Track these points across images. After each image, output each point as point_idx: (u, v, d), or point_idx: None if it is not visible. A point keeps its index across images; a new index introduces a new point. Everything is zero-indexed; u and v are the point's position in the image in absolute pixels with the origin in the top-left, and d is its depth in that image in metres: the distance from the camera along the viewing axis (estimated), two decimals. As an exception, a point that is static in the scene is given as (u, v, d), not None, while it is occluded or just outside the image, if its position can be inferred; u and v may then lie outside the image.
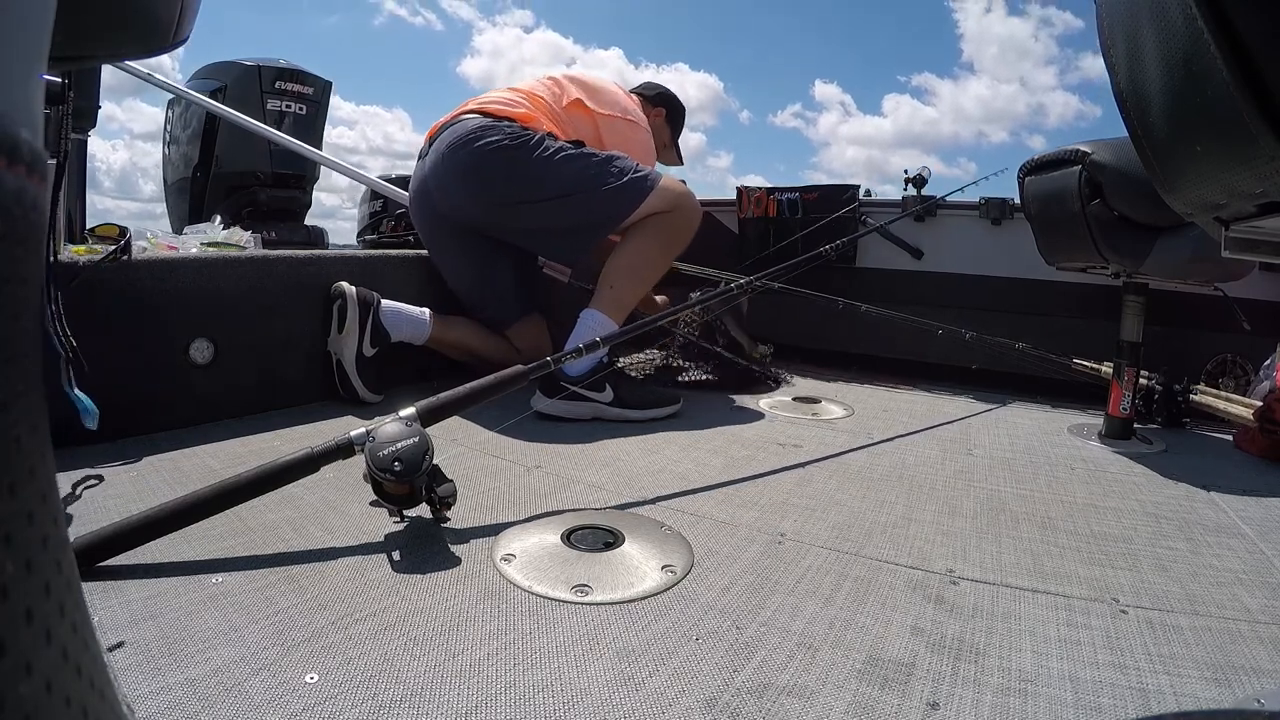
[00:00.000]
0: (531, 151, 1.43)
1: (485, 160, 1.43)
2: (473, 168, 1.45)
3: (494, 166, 1.43)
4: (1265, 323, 1.62)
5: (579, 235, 1.49)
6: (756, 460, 1.15)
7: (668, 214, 1.49)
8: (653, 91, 1.92)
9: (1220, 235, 0.51)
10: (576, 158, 1.45)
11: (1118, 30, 0.49)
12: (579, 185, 1.44)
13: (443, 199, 1.52)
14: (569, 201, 1.44)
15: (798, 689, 0.56)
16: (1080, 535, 0.90)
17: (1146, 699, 0.56)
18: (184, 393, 1.19)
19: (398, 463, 0.77)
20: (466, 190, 1.47)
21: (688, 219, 1.53)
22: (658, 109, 1.90)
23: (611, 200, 1.45)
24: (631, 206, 1.46)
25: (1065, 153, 1.34)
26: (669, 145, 1.97)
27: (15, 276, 0.14)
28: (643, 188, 1.46)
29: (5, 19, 0.14)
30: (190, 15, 0.51)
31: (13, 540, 0.13)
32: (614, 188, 1.45)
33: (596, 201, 1.44)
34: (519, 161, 1.42)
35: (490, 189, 1.45)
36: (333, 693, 0.53)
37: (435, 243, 1.61)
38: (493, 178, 1.44)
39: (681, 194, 1.52)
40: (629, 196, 1.45)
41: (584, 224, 1.47)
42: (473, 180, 1.46)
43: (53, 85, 0.76)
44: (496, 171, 1.44)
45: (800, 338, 2.17)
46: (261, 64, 3.36)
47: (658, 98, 1.91)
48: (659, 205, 1.47)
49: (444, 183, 1.50)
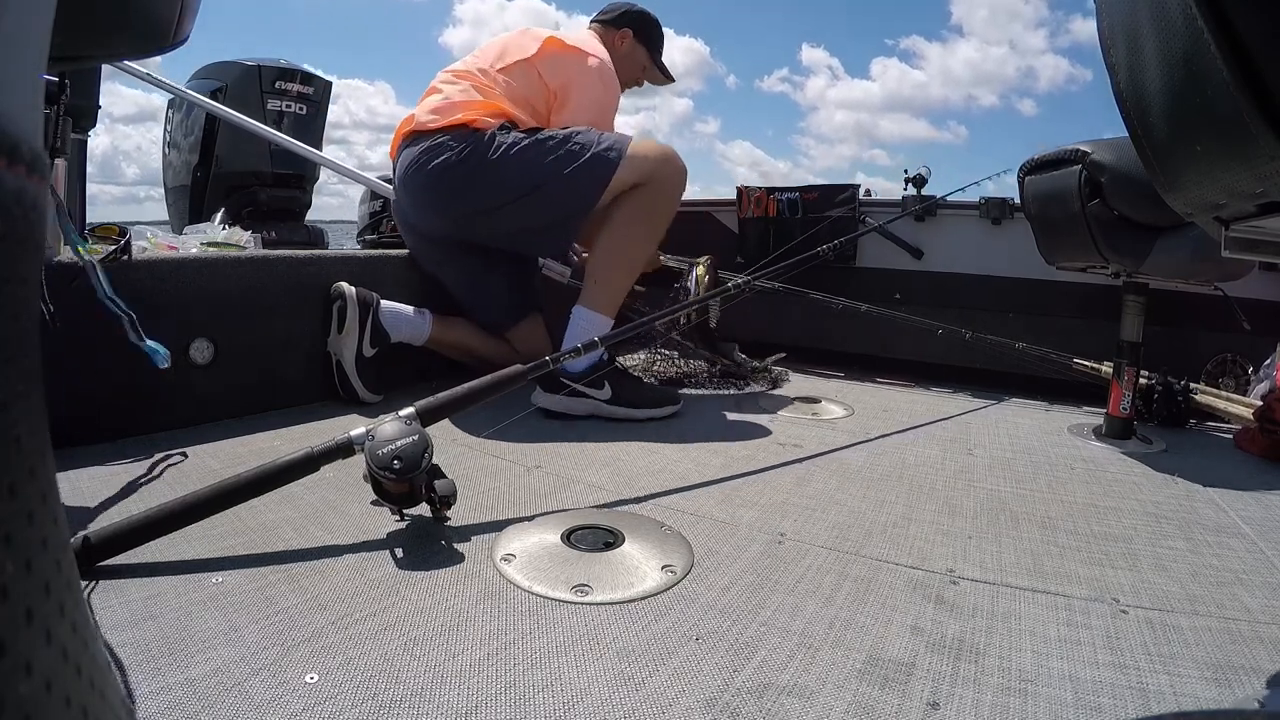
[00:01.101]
0: (484, 157, 1.36)
1: (440, 181, 1.39)
2: (432, 190, 1.42)
3: (451, 184, 1.39)
4: (1265, 323, 1.62)
5: (558, 227, 1.43)
6: (756, 460, 1.15)
7: (643, 187, 1.39)
8: (612, 14, 1.69)
9: (1220, 235, 0.51)
10: (531, 147, 1.37)
11: (1118, 30, 0.49)
12: (542, 175, 1.36)
13: (418, 221, 1.52)
14: (536, 195, 1.37)
15: (798, 689, 0.56)
16: (1080, 535, 0.90)
17: (1146, 699, 0.56)
18: (184, 393, 1.19)
19: (397, 461, 0.77)
20: (434, 211, 1.46)
21: (667, 187, 1.42)
22: (622, 31, 1.68)
23: (578, 182, 1.36)
24: (600, 184, 1.37)
25: (1065, 153, 1.34)
26: (649, 65, 1.74)
27: (15, 276, 0.14)
28: (607, 161, 1.36)
29: (5, 19, 0.14)
30: (190, 15, 0.51)
31: (13, 540, 0.13)
32: (576, 168, 1.36)
33: (563, 188, 1.36)
34: (474, 172, 1.37)
35: (456, 204, 1.41)
36: (333, 693, 0.53)
37: (426, 258, 1.58)
38: (453, 194, 1.40)
39: (657, 160, 1.40)
40: (596, 175, 1.36)
41: (559, 215, 1.40)
42: (435, 202, 1.43)
43: (50, 85, 0.76)
44: (455, 187, 1.39)
45: (800, 338, 2.17)
46: (262, 64, 3.37)
47: (620, 18, 1.68)
48: (632, 178, 1.37)
49: (415, 212, 1.49)
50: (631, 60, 1.70)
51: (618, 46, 1.66)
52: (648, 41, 1.72)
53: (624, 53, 1.67)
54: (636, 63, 1.72)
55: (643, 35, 1.70)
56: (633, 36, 1.69)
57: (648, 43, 1.72)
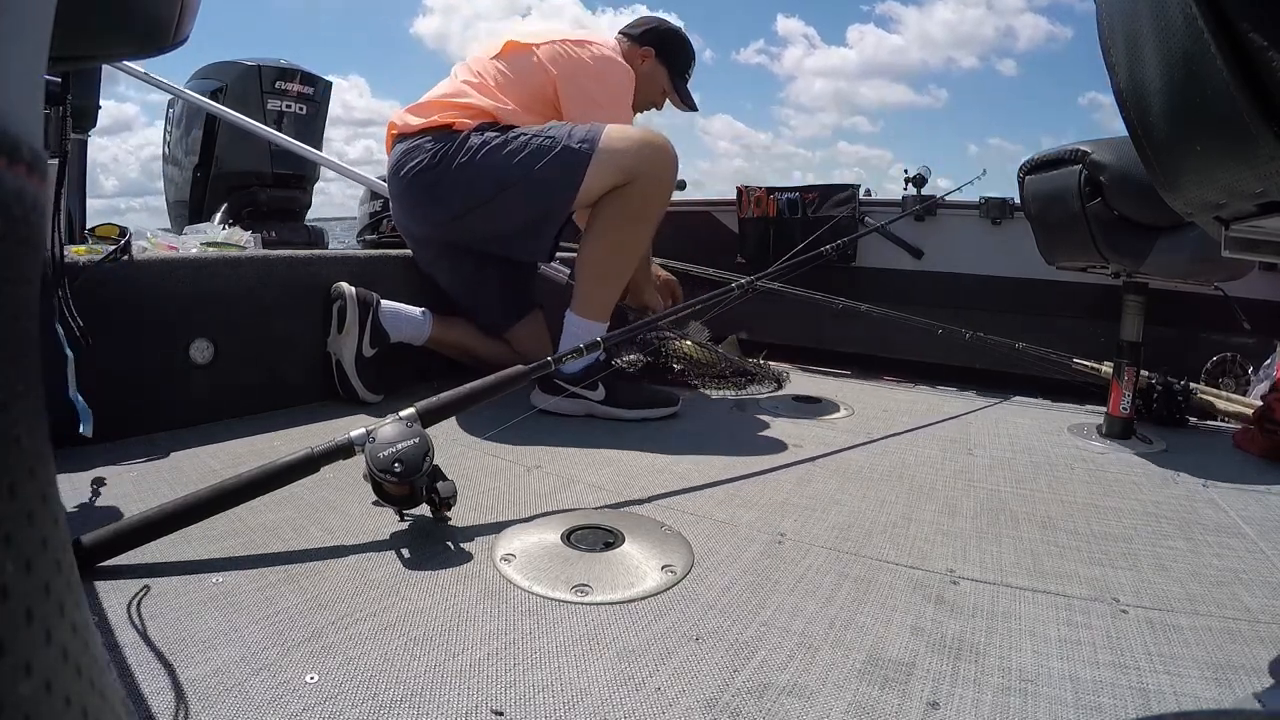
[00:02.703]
0: (453, 160, 1.34)
1: (415, 185, 1.39)
2: (411, 195, 1.43)
3: (426, 188, 1.38)
4: (1265, 323, 1.62)
5: (534, 229, 1.37)
6: (756, 460, 1.15)
7: (627, 187, 1.30)
8: (638, 29, 1.60)
9: (1220, 235, 0.51)
10: (501, 145, 1.32)
11: (1118, 30, 0.49)
12: (510, 175, 1.31)
13: (409, 226, 1.52)
14: (504, 197, 1.33)
15: (798, 689, 0.56)
16: (1080, 535, 0.90)
17: (1146, 699, 0.56)
18: (184, 393, 1.19)
19: (398, 464, 0.77)
20: (418, 216, 1.47)
21: (652, 182, 1.32)
22: (645, 49, 1.58)
23: (548, 181, 1.30)
24: (574, 180, 1.29)
25: (1065, 152, 1.34)
26: (669, 90, 1.64)
27: (15, 277, 0.14)
28: (578, 154, 1.28)
29: (5, 19, 0.14)
30: (190, 15, 0.51)
31: (13, 540, 0.13)
32: (545, 165, 1.29)
33: (533, 187, 1.31)
34: (446, 175, 1.35)
35: (435, 209, 1.40)
36: (333, 693, 0.53)
37: (424, 259, 1.58)
38: (430, 199, 1.39)
39: (637, 152, 1.29)
40: (567, 170, 1.29)
41: (533, 216, 1.35)
42: (417, 207, 1.44)
43: (52, 85, 0.76)
44: (429, 194, 1.38)
45: (800, 338, 2.17)
46: (262, 64, 3.37)
47: (644, 35, 1.59)
48: (613, 177, 1.29)
49: (401, 213, 1.51)
50: (651, 81, 1.60)
51: (638, 64, 1.57)
52: (670, 63, 1.62)
53: (644, 71, 1.57)
54: (656, 84, 1.62)
55: (665, 56, 1.61)
56: (654, 56, 1.60)
57: (670, 65, 1.62)
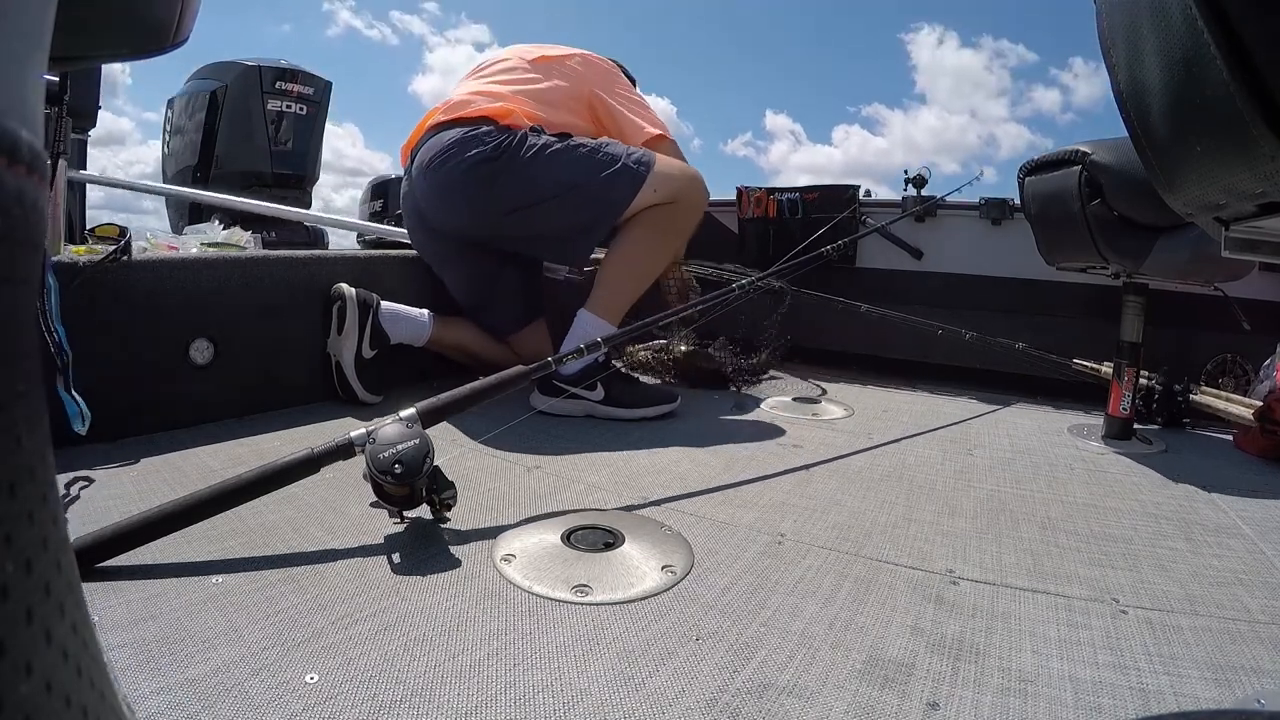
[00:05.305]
0: (517, 155, 1.36)
1: (471, 175, 1.37)
2: (459, 185, 1.38)
3: (481, 180, 1.37)
4: (1265, 323, 1.62)
5: (583, 232, 1.42)
6: (756, 460, 1.15)
7: (669, 206, 1.41)
8: None
9: (1220, 235, 0.51)
10: (564, 150, 1.38)
11: (1118, 30, 0.49)
12: (575, 176, 1.37)
13: (435, 217, 1.48)
14: (567, 198, 1.37)
15: (798, 689, 0.56)
16: (1080, 535, 0.90)
17: (1146, 699, 0.56)
18: (184, 393, 1.19)
19: (398, 465, 0.77)
20: (458, 208, 1.42)
21: (691, 210, 1.45)
22: None
23: (609, 189, 1.38)
24: (630, 193, 1.38)
25: (1065, 153, 1.34)
26: None
27: (15, 277, 0.14)
28: (637, 174, 1.38)
29: (5, 19, 0.14)
30: (190, 16, 0.51)
31: (13, 540, 0.13)
32: (610, 174, 1.37)
33: (596, 191, 1.37)
34: (506, 170, 1.36)
35: (482, 203, 1.39)
36: (333, 693, 0.53)
37: (435, 257, 1.56)
38: (482, 192, 1.38)
39: (683, 182, 1.43)
40: (627, 183, 1.38)
41: (585, 219, 1.40)
42: (460, 198, 1.40)
43: (50, 85, 0.76)
44: (485, 185, 1.37)
45: (800, 338, 2.17)
46: (262, 64, 3.37)
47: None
48: (659, 196, 1.40)
49: (433, 202, 1.45)
50: None
51: None
52: None
53: None
54: None
55: None
56: None
57: None
